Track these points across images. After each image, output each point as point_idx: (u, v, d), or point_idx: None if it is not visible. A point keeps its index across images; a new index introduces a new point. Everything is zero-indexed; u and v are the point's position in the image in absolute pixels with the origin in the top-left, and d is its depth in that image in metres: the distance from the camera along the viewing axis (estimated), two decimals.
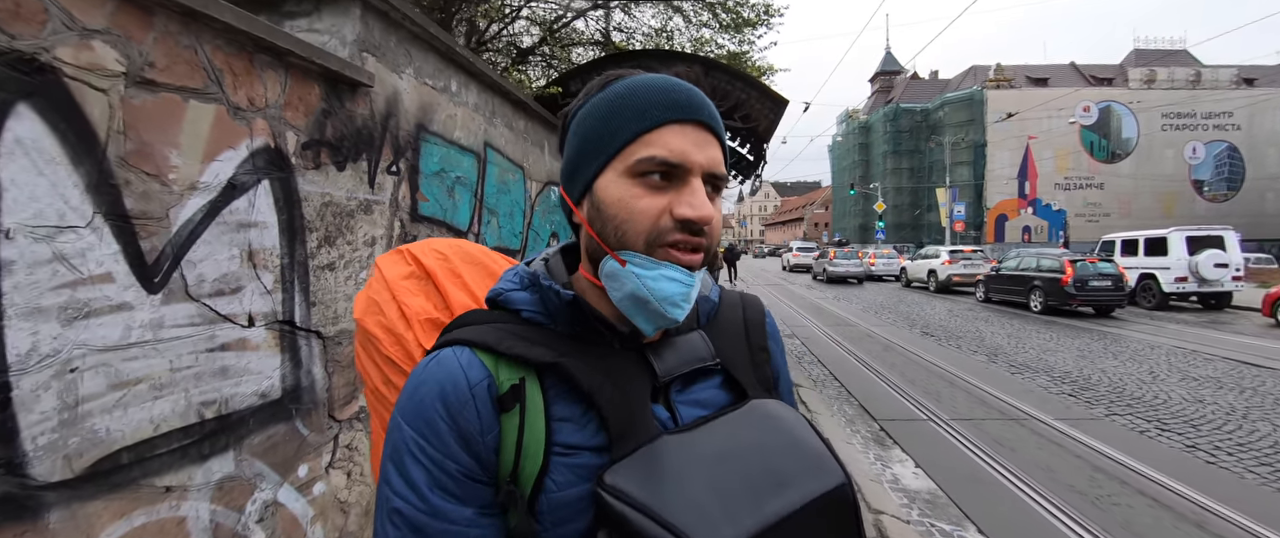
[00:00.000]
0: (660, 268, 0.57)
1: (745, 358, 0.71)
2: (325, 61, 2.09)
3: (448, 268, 0.86)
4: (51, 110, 1.29)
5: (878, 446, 4.77)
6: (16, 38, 1.22)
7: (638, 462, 0.56)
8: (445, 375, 0.59)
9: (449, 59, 3.15)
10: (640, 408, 0.60)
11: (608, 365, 0.62)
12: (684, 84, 0.62)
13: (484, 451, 0.58)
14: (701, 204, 0.57)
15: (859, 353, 8.49)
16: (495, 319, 0.65)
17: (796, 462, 0.60)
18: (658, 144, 0.58)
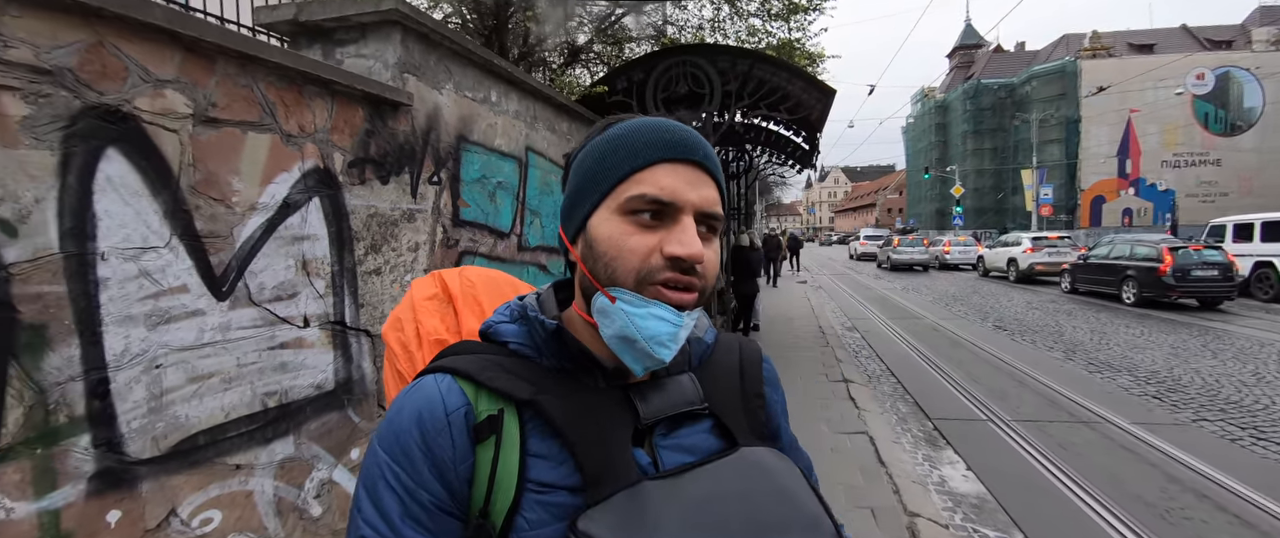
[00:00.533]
0: (649, 306, 0.57)
1: (738, 403, 0.69)
2: (366, 87, 2.31)
3: (470, 294, 0.88)
4: (134, 151, 1.55)
5: (928, 445, 4.64)
6: (104, 93, 1.47)
7: (613, 508, 0.54)
8: (423, 401, 0.60)
9: (488, 71, 3.35)
10: (619, 451, 0.59)
11: (589, 404, 0.61)
12: (679, 125, 0.62)
13: (456, 481, 0.58)
14: (691, 242, 0.57)
15: (921, 348, 8.18)
16: (483, 350, 0.65)
17: (783, 515, 0.58)
18: (649, 182, 0.58)
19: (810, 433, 4.58)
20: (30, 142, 1.33)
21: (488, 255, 3.41)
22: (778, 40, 7.38)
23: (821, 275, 21.64)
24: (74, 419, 1.43)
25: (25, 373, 1.34)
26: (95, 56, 1.45)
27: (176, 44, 1.64)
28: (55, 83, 1.38)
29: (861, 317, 11.30)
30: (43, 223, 1.36)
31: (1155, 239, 12.46)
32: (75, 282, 1.43)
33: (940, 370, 6.91)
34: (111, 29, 1.48)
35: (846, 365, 6.87)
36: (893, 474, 3.80)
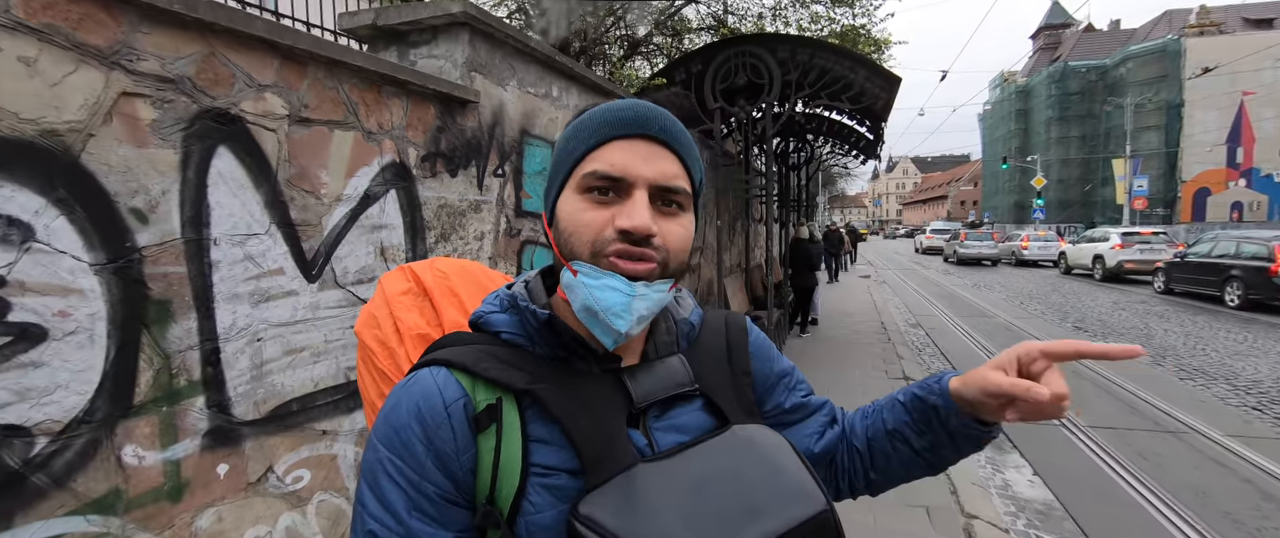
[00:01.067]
0: (604, 277, 0.58)
1: (727, 382, 0.71)
2: (437, 85, 2.47)
3: (445, 286, 0.87)
4: (240, 148, 1.74)
5: (992, 448, 4.47)
6: (216, 98, 1.67)
7: (612, 491, 0.56)
8: (421, 395, 0.60)
9: (549, 67, 3.47)
10: (615, 435, 0.60)
11: (583, 390, 0.62)
12: (643, 103, 0.63)
13: (460, 471, 0.58)
14: (639, 215, 0.58)
15: (991, 347, 7.82)
16: (476, 341, 0.66)
17: (775, 489, 0.59)
18: (601, 159, 0.60)
19: None
20: (157, 142, 1.53)
21: (547, 246, 3.55)
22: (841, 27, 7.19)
23: (887, 270, 20.90)
24: (191, 383, 1.64)
25: (154, 341, 1.55)
26: (209, 66, 1.65)
27: (275, 52, 1.83)
28: (177, 90, 1.57)
29: (927, 314, 10.88)
30: (167, 212, 1.57)
31: (1267, 236, 11.28)
32: (193, 263, 1.63)
33: None
34: (222, 41, 1.67)
35: (908, 362, 6.67)
36: (951, 474, 3.70)
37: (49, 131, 1.33)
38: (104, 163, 1.43)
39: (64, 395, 1.37)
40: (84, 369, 1.40)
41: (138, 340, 1.51)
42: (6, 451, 1.28)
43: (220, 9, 1.63)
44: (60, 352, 1.36)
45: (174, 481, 1.60)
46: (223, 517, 1.71)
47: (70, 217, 1.37)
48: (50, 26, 1.31)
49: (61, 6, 1.33)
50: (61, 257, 1.36)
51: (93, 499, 1.42)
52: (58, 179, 1.34)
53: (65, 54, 1.34)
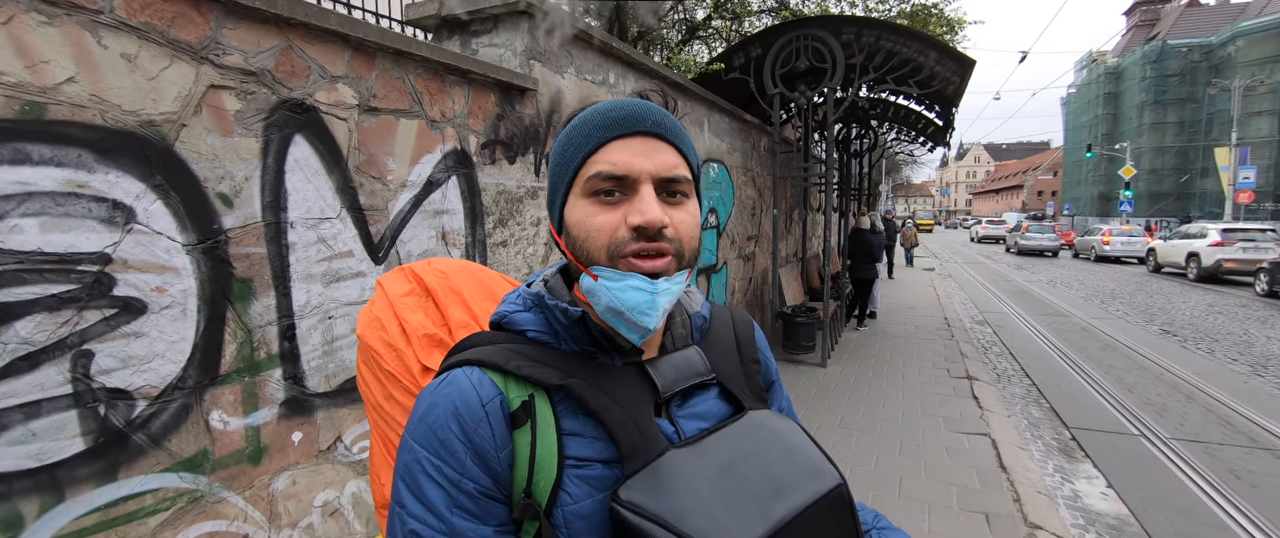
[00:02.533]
0: (626, 279, 0.60)
1: (738, 371, 0.74)
2: (497, 74, 2.51)
3: (448, 286, 0.88)
4: (314, 137, 1.84)
5: (1063, 456, 4.23)
6: (293, 89, 1.76)
7: (649, 477, 0.58)
8: (458, 395, 0.61)
9: (606, 54, 3.47)
10: (646, 424, 0.63)
11: (612, 383, 0.64)
12: (631, 101, 0.64)
13: (500, 467, 0.60)
14: (649, 209, 0.59)
15: (1064, 348, 7.35)
16: (502, 340, 0.67)
17: (795, 467, 0.63)
18: (602, 160, 0.61)
19: (923, 429, 4.36)
20: (241, 131, 1.64)
21: None
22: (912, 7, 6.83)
23: (952, 264, 19.96)
24: (270, 356, 1.77)
25: (238, 317, 1.67)
26: (286, 58, 1.74)
27: (346, 44, 1.91)
28: (258, 82, 1.67)
29: (995, 310, 10.34)
30: (250, 197, 1.68)
31: None
32: (272, 245, 1.74)
33: (1086, 375, 6.19)
34: (298, 34, 1.76)
35: (972, 361, 6.37)
36: (1015, 481, 3.53)
37: (147, 122, 1.44)
38: (195, 151, 1.54)
39: (160, 364, 1.50)
40: (177, 341, 1.53)
41: (223, 315, 1.63)
42: (113, 412, 1.41)
43: (297, 4, 1.71)
44: (157, 324, 1.49)
45: (254, 445, 1.73)
46: (296, 481, 1.84)
47: (166, 201, 1.49)
48: (148, 25, 1.42)
49: (157, 6, 1.44)
50: (158, 237, 1.48)
51: (184, 459, 1.56)
52: (155, 166, 1.46)
53: (161, 50, 1.45)
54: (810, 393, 5.13)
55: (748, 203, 6.50)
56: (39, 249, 1.28)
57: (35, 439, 1.29)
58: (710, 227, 5.43)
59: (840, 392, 5.19)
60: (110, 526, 1.41)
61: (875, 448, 3.98)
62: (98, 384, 1.38)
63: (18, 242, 1.25)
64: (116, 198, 1.40)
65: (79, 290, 1.34)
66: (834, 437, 4.14)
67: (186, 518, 1.56)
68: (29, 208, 1.26)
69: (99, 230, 1.37)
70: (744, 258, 6.54)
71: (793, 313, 6.07)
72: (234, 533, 1.66)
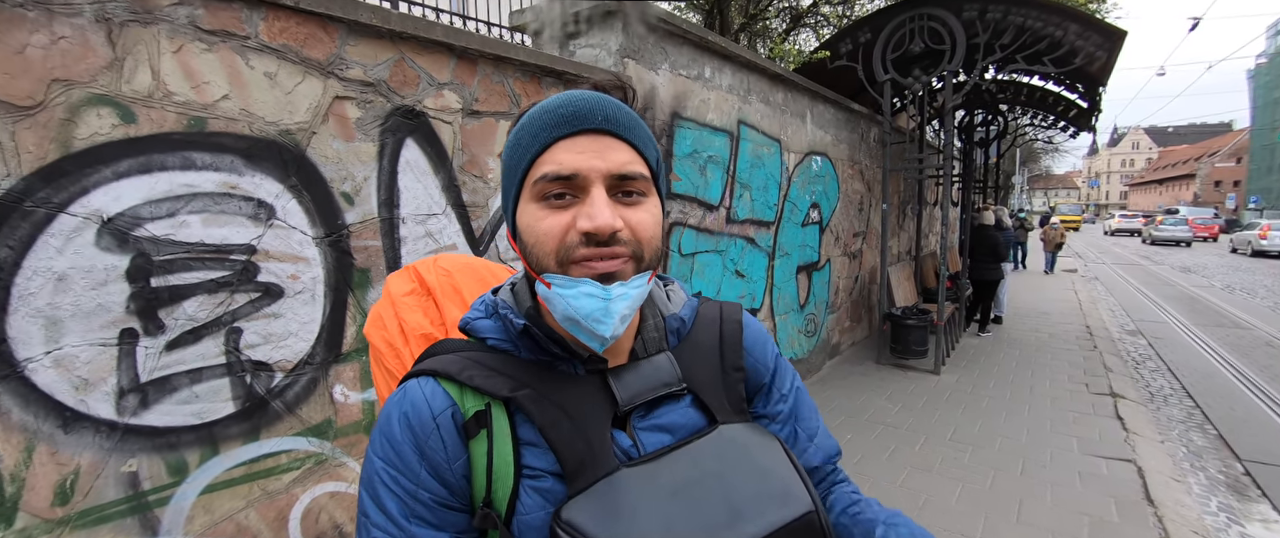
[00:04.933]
0: (578, 285, 0.57)
1: (716, 379, 0.69)
2: (590, 74, 2.59)
3: (449, 284, 0.87)
4: (423, 140, 2.00)
5: (1231, 493, 3.61)
6: (405, 97, 1.93)
7: (594, 496, 0.56)
8: (411, 406, 0.60)
9: (702, 48, 3.45)
10: (598, 439, 0.60)
11: (568, 394, 0.62)
12: (580, 95, 0.60)
13: (453, 478, 0.59)
14: (599, 213, 0.56)
15: (1241, 367, 6.25)
16: (464, 347, 0.66)
17: (759, 491, 0.59)
18: (550, 161, 0.57)
19: (1051, 449, 3.91)
20: (361, 136, 1.83)
21: (697, 227, 3.57)
22: None
23: (1099, 264, 17.65)
24: None
25: (357, 302, 1.87)
26: (399, 69, 1.91)
27: (451, 53, 2.06)
28: (375, 91, 1.85)
29: (1152, 319, 9.00)
30: (368, 195, 1.87)
31: None
32: (386, 238, 1.93)
33: (1270, 400, 5.22)
34: (410, 47, 1.93)
35: (1118, 376, 5.61)
36: (1163, 518, 3.06)
37: (285, 131, 1.65)
38: (323, 155, 1.74)
39: (294, 341, 1.71)
40: (308, 321, 1.74)
41: (345, 300, 1.83)
42: (256, 381, 1.64)
43: (407, 19, 1.87)
44: (292, 307, 1.70)
45: (369, 417, 1.92)
46: None
47: (299, 199, 1.69)
48: (285, 46, 1.62)
49: (293, 29, 1.64)
50: (293, 231, 1.69)
51: (312, 425, 1.77)
52: (291, 169, 1.67)
53: (296, 67, 1.65)
54: (919, 402, 4.78)
55: (855, 197, 6.17)
56: (201, 241, 1.51)
57: (197, 400, 1.54)
58: (812, 222, 5.23)
59: (954, 402, 4.79)
60: (253, 479, 1.65)
61: (992, 466, 3.63)
62: (244, 357, 1.61)
63: (185, 234, 1.49)
64: (260, 197, 1.61)
65: (231, 276, 1.57)
66: (942, 451, 3.83)
67: (314, 478, 1.78)
68: (194, 206, 1.49)
69: (247, 225, 1.59)
70: (850, 255, 6.22)
71: (902, 315, 5.68)
72: (351, 494, 1.87)
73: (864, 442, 3.95)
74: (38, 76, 1.26)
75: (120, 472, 1.42)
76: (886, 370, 5.60)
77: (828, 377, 5.42)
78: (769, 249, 4.50)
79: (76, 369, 1.35)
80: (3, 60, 1.22)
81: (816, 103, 5.08)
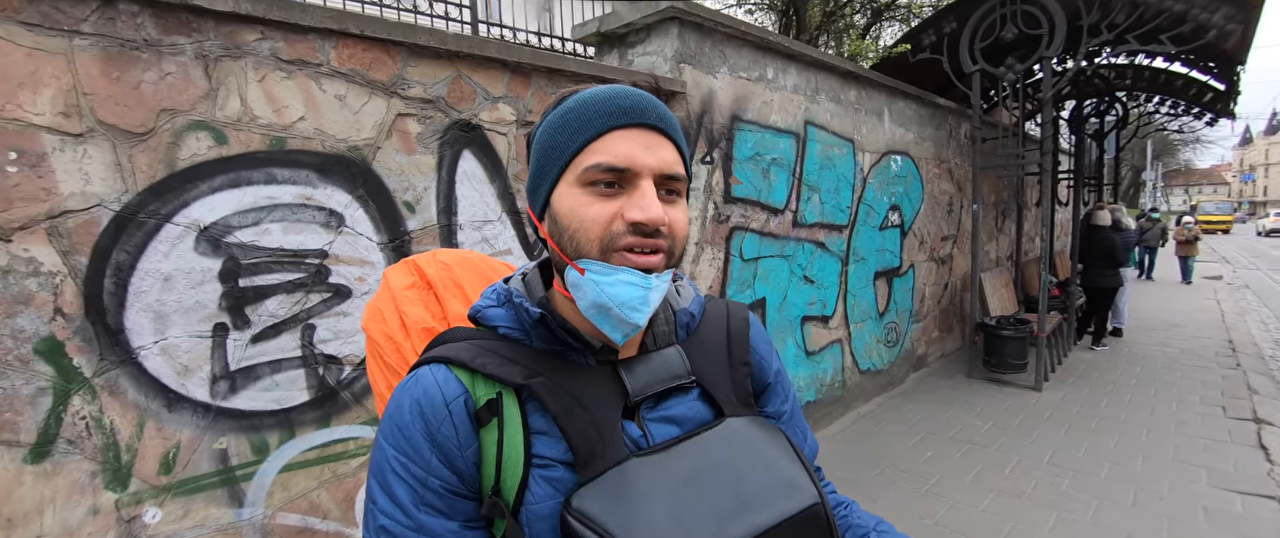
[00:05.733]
0: (617, 273, 0.57)
1: (724, 373, 0.70)
2: (643, 81, 2.63)
3: (449, 278, 0.87)
4: (479, 151, 2.13)
5: None
6: (462, 111, 2.07)
7: (604, 485, 0.57)
8: (422, 393, 0.61)
9: (764, 49, 3.39)
10: (609, 429, 0.61)
11: (580, 383, 0.63)
12: (630, 89, 0.62)
13: (464, 465, 0.60)
14: (651, 206, 0.57)
15: None
16: (474, 336, 0.66)
17: (766, 482, 0.60)
18: (603, 150, 0.58)
19: (1172, 480, 3.45)
20: (421, 149, 1.98)
21: (759, 232, 3.51)
22: None
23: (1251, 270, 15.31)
24: None
25: None
26: (457, 86, 2.05)
27: (505, 68, 2.18)
28: (434, 108, 2.00)
29: None
30: (428, 204, 2.01)
31: None
32: (445, 243, 2.07)
33: None
34: (466, 64, 2.06)
35: (1265, 400, 4.84)
36: None
37: (353, 147, 1.82)
38: (387, 168, 1.90)
39: (360, 338, 1.88)
40: None
41: None
42: (328, 372, 1.82)
43: (464, 39, 2.01)
44: (358, 306, 1.87)
45: None
46: None
47: (366, 208, 1.86)
48: (353, 70, 1.80)
49: (360, 55, 1.81)
50: (360, 237, 1.86)
51: (376, 416, 1.93)
52: (358, 181, 1.84)
53: (362, 89, 1.82)
54: (1014, 420, 4.38)
55: (942, 198, 5.79)
56: (281, 247, 1.70)
57: (277, 388, 1.72)
58: (891, 226, 4.96)
59: (1056, 422, 4.35)
60: (324, 461, 1.82)
61: (1096, 495, 3.26)
62: (317, 351, 1.79)
63: (267, 240, 1.68)
64: (332, 207, 1.79)
65: (306, 278, 1.76)
66: (1037, 476, 3.49)
67: None
68: (275, 216, 1.69)
69: (320, 232, 1.77)
70: (938, 261, 5.84)
71: (997, 325, 5.24)
72: None
73: (946, 461, 3.68)
74: (150, 108, 1.48)
75: (213, 448, 1.63)
76: (979, 385, 5.18)
77: (911, 390, 5.10)
78: (842, 254, 4.32)
79: (178, 357, 1.56)
80: (122, 96, 1.45)
81: (895, 99, 4.83)
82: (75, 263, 1.42)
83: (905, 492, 3.30)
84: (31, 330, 1.38)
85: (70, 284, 1.41)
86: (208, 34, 1.55)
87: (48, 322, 1.39)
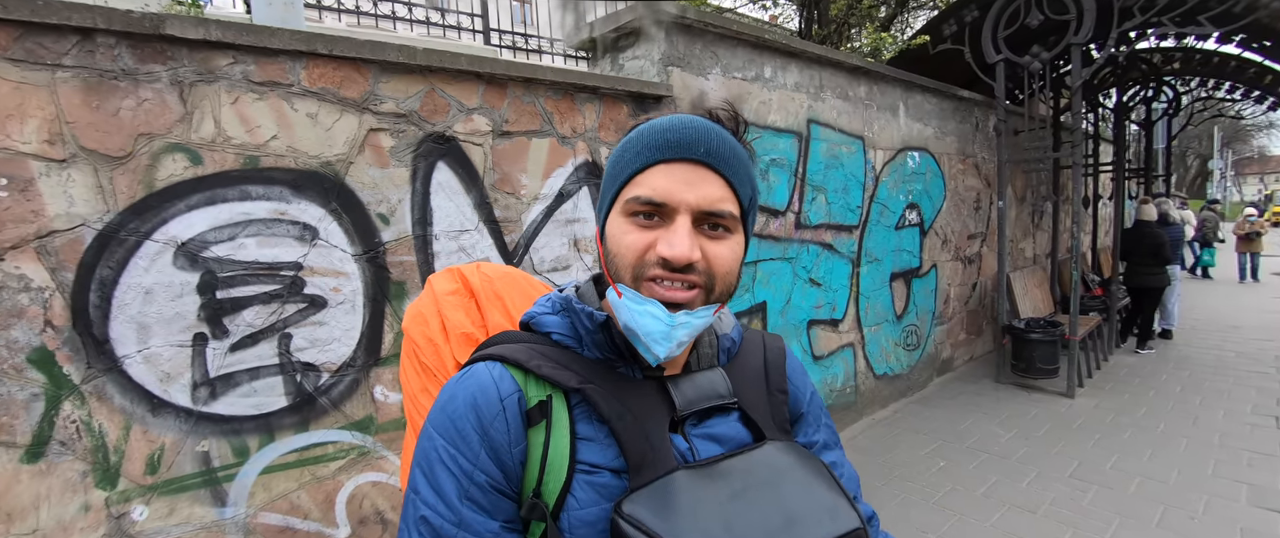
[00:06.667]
0: (645, 304, 0.60)
1: (763, 399, 0.72)
2: (626, 86, 2.64)
3: (491, 289, 0.90)
4: (454, 162, 2.18)
5: None
6: (435, 124, 2.13)
7: (654, 493, 0.58)
8: (478, 387, 0.63)
9: (760, 47, 3.35)
10: (659, 439, 0.62)
11: (629, 394, 0.64)
12: (689, 121, 0.62)
13: (511, 463, 0.61)
14: (678, 243, 0.58)
15: None
16: (527, 340, 0.68)
17: (810, 505, 0.61)
18: (644, 184, 0.60)
19: (1208, 496, 3.23)
20: (394, 163, 2.04)
21: (758, 234, 3.47)
22: None
23: None
24: None
25: (394, 311, 2.08)
26: (430, 99, 2.11)
27: (480, 79, 2.23)
28: (407, 122, 2.06)
29: None
30: (402, 215, 2.08)
31: None
32: (420, 253, 2.13)
33: None
34: (439, 78, 2.12)
35: None
36: None
37: (326, 163, 1.90)
38: (360, 182, 1.97)
39: (337, 346, 1.96)
40: (350, 329, 1.98)
41: (383, 310, 2.06)
42: (305, 379, 1.90)
43: (434, 54, 2.06)
44: (335, 315, 1.95)
45: None
46: None
47: (339, 222, 1.94)
48: (324, 89, 1.87)
49: (330, 74, 1.88)
50: (334, 249, 1.94)
51: (355, 421, 2.00)
52: (331, 195, 1.91)
53: (334, 107, 1.90)
54: (1040, 429, 4.18)
55: (968, 195, 5.57)
56: (256, 259, 1.80)
57: (256, 394, 1.82)
58: (909, 225, 4.81)
59: (1085, 431, 4.12)
60: (304, 464, 1.91)
61: (1118, 511, 3.07)
62: (295, 359, 1.88)
63: (243, 254, 1.77)
64: (305, 221, 1.87)
65: (282, 289, 1.84)
66: (1056, 490, 3.31)
67: (357, 467, 2.01)
68: (250, 231, 1.78)
69: (294, 245, 1.86)
70: (965, 260, 5.62)
71: (1025, 327, 5.01)
72: (391, 485, 2.08)
73: (959, 471, 3.55)
74: (128, 133, 1.59)
75: (195, 450, 1.73)
76: (1006, 391, 4.97)
77: (933, 395, 4.93)
78: (852, 255, 4.22)
79: (160, 365, 1.67)
80: (102, 122, 1.56)
81: (912, 93, 4.67)
82: (62, 278, 1.53)
83: (911, 503, 3.20)
84: (25, 341, 1.50)
85: (58, 298, 1.53)
86: (182, 61, 1.65)
87: (39, 333, 1.52)
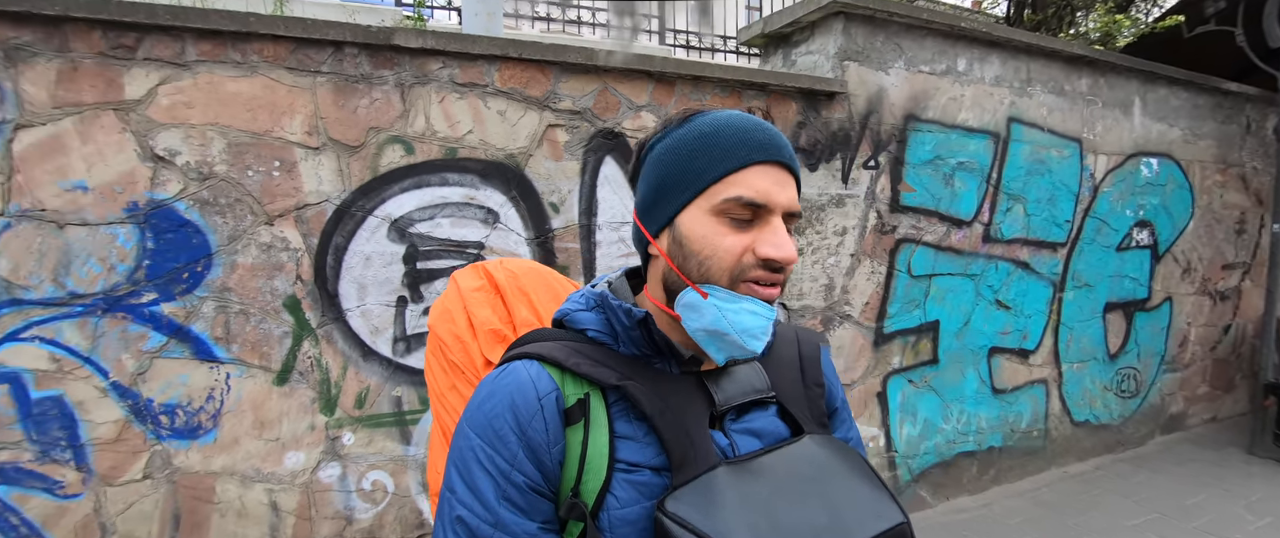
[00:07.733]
0: (742, 301, 0.59)
1: (800, 392, 0.71)
2: (796, 82, 2.54)
3: (516, 285, 0.89)
4: (619, 157, 2.29)
5: None
6: (606, 121, 2.25)
7: (698, 490, 0.57)
8: (516, 386, 0.61)
9: (954, 37, 3.00)
10: (700, 435, 0.61)
11: (668, 390, 0.63)
12: (766, 125, 0.63)
13: (550, 463, 0.60)
14: (785, 244, 0.59)
15: None
16: (562, 337, 0.67)
17: (854, 500, 0.60)
18: (744, 184, 0.59)
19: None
20: (567, 156, 2.20)
21: (935, 245, 3.13)
22: None
23: None
24: None
25: None
26: (602, 98, 2.23)
27: (649, 78, 2.30)
28: (581, 118, 2.21)
29: None
30: (571, 205, 2.23)
31: None
32: (584, 242, 2.27)
33: None
34: (612, 77, 2.23)
35: None
36: None
37: (510, 155, 2.11)
38: (537, 173, 2.16)
39: None
40: None
41: None
42: None
43: (610, 54, 2.17)
44: None
45: None
46: None
47: (517, 208, 2.14)
48: (513, 89, 2.08)
49: (520, 75, 2.08)
50: (511, 232, 2.15)
51: None
52: (512, 184, 2.12)
53: (519, 104, 2.10)
54: None
55: (1227, 214, 4.46)
56: (449, 237, 2.06)
57: None
58: (1138, 246, 3.99)
59: None
60: None
61: None
62: None
63: (439, 232, 2.04)
64: (490, 206, 2.10)
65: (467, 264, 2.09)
66: None
67: None
68: (445, 212, 2.04)
69: (479, 227, 2.09)
70: (1216, 295, 4.53)
71: None
72: None
73: None
74: (362, 126, 1.92)
75: (391, 394, 2.04)
76: (1260, 466, 3.92)
77: (1152, 456, 4.05)
78: (1055, 277, 3.62)
79: (371, 320, 1.99)
80: (345, 118, 1.89)
81: (1153, 86, 3.86)
82: (310, 243, 1.90)
83: None
84: (282, 290, 1.89)
85: (306, 258, 1.91)
86: (404, 66, 1.94)
87: (292, 285, 1.90)
